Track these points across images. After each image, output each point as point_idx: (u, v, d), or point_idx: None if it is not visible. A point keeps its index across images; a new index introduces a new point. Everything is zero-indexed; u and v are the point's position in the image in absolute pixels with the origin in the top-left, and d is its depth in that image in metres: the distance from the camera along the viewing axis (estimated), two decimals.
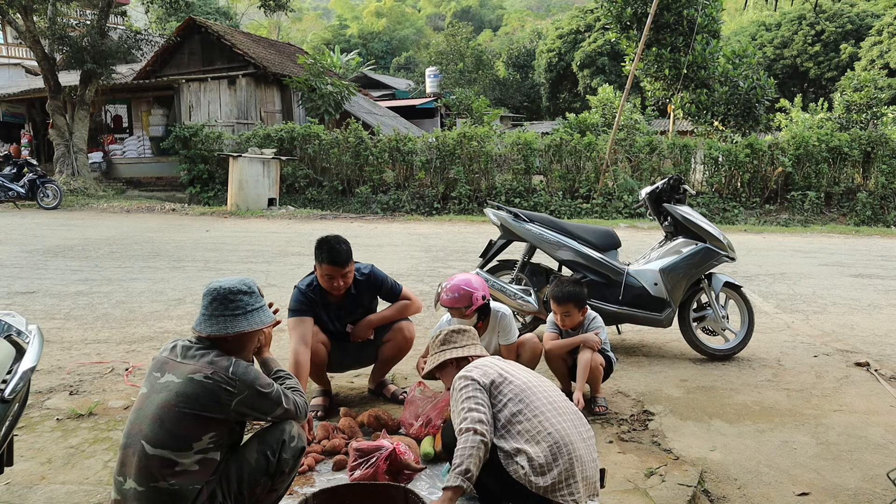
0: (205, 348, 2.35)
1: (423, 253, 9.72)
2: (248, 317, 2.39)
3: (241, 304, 2.39)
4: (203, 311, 2.39)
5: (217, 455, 2.28)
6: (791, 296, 7.13)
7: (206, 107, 20.14)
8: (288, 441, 2.43)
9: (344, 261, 3.59)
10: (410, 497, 2.54)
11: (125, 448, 2.27)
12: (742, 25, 44.11)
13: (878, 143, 15.13)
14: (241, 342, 2.43)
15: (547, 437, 2.40)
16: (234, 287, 2.39)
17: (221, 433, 2.28)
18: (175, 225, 13.15)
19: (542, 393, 2.57)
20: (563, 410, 2.54)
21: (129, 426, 2.30)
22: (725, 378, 4.49)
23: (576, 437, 2.45)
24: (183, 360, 2.31)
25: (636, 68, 16.55)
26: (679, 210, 4.91)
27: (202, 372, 2.25)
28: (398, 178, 16.89)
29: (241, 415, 2.31)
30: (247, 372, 2.30)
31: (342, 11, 69.22)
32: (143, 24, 27.80)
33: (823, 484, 3.06)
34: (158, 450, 2.19)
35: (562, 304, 3.89)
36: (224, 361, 2.29)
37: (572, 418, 2.53)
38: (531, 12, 70.24)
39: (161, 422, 2.22)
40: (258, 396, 2.31)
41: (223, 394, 2.24)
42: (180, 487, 2.20)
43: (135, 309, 6.27)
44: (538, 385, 2.62)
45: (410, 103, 30.15)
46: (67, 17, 19.92)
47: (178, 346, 2.38)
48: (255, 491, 2.37)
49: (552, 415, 2.47)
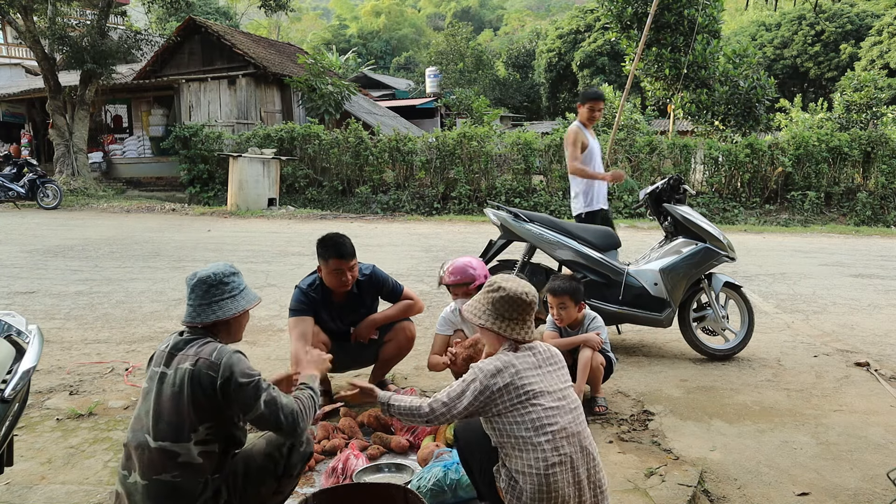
0: (197, 337, 2.37)
1: (423, 253, 9.71)
2: (244, 294, 2.45)
3: (233, 285, 2.43)
4: (197, 300, 2.39)
5: (215, 447, 2.29)
6: (791, 296, 7.13)
7: (206, 107, 20.15)
8: (297, 445, 2.44)
9: (351, 253, 3.61)
10: (410, 497, 2.54)
11: (130, 443, 2.29)
12: (742, 25, 44.11)
13: (878, 143, 15.12)
14: (240, 323, 2.49)
15: (536, 478, 2.24)
16: (222, 271, 2.43)
17: (217, 423, 2.28)
18: (175, 225, 13.15)
19: (559, 429, 2.31)
20: (567, 453, 2.29)
21: (134, 421, 2.33)
22: (725, 378, 4.49)
23: (569, 487, 2.27)
24: (175, 351, 2.34)
25: (636, 68, 16.52)
26: (679, 210, 4.91)
27: (190, 360, 2.28)
28: (398, 178, 16.89)
29: (226, 402, 2.26)
30: (229, 357, 2.29)
31: (342, 11, 69.26)
32: (143, 24, 27.84)
33: (823, 484, 3.06)
34: (160, 442, 2.22)
35: (557, 295, 3.89)
36: (209, 347, 2.31)
37: (576, 464, 2.30)
38: (531, 12, 70.20)
39: (161, 414, 2.25)
40: (236, 384, 2.25)
41: (206, 379, 2.24)
42: (183, 480, 2.21)
43: (135, 309, 6.27)
44: (561, 420, 2.34)
45: (410, 103, 30.14)
46: (67, 17, 19.90)
47: (173, 338, 2.40)
48: (261, 491, 2.38)
49: (552, 455, 2.27)
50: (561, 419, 2.32)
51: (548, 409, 2.32)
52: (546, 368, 2.43)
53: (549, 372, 2.43)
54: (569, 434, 2.31)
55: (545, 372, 2.41)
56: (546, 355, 2.46)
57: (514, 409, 2.31)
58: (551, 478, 2.24)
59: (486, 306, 2.46)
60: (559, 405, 2.35)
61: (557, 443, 2.28)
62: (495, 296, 2.45)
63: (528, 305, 2.44)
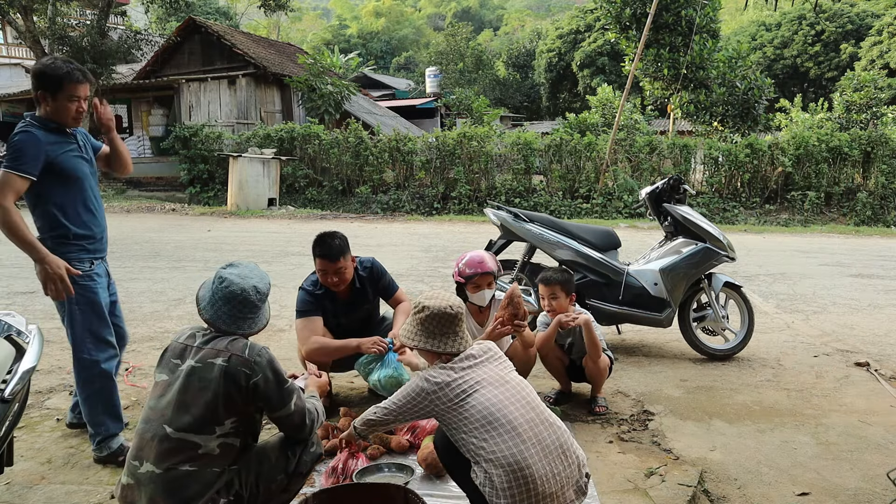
0: (222, 333, 2.40)
1: (423, 253, 9.71)
2: (262, 313, 2.50)
3: (258, 305, 2.45)
4: (229, 310, 2.39)
5: (237, 441, 2.31)
6: (791, 296, 7.13)
7: (206, 107, 20.15)
8: (309, 445, 2.49)
9: (335, 255, 3.57)
10: (410, 497, 2.54)
11: (143, 433, 2.29)
12: (742, 25, 44.11)
13: (878, 143, 15.13)
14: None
15: (503, 461, 2.26)
16: (263, 292, 2.46)
17: (242, 418, 2.31)
18: (175, 225, 13.14)
19: (507, 410, 2.35)
20: (523, 428, 2.32)
21: (149, 412, 2.33)
22: (725, 378, 4.49)
23: (535, 457, 2.28)
24: (202, 345, 2.35)
25: (636, 68, 16.55)
26: (679, 210, 4.91)
27: (222, 356, 2.30)
28: (398, 178, 16.89)
29: (256, 398, 2.31)
30: (263, 353, 2.35)
31: (342, 11, 69.28)
32: (143, 24, 27.80)
33: (823, 484, 3.06)
34: (182, 433, 2.23)
35: (548, 285, 3.88)
36: (239, 344, 2.35)
37: (534, 433, 2.33)
38: (531, 12, 70.20)
39: (185, 406, 2.26)
40: (273, 382, 2.32)
41: (241, 376, 2.27)
42: (199, 470, 2.23)
43: (135, 309, 6.27)
44: (505, 399, 2.38)
45: (410, 103, 30.13)
46: (67, 17, 19.90)
47: (197, 333, 2.42)
48: (271, 487, 2.40)
49: (509, 437, 2.29)
50: (509, 402, 2.36)
51: (492, 399, 2.35)
52: (483, 363, 2.48)
53: (485, 364, 2.48)
54: (522, 413, 2.35)
55: (482, 366, 2.47)
56: (480, 351, 2.52)
57: (456, 408, 2.36)
58: (518, 457, 2.25)
59: (416, 328, 2.54)
60: (503, 390, 2.40)
61: (514, 423, 2.31)
62: (421, 316, 2.53)
63: (454, 318, 2.52)
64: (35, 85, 3.03)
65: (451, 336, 2.50)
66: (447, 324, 2.50)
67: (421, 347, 2.53)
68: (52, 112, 3.03)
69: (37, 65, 3.05)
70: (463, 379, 2.41)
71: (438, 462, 2.99)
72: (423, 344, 2.51)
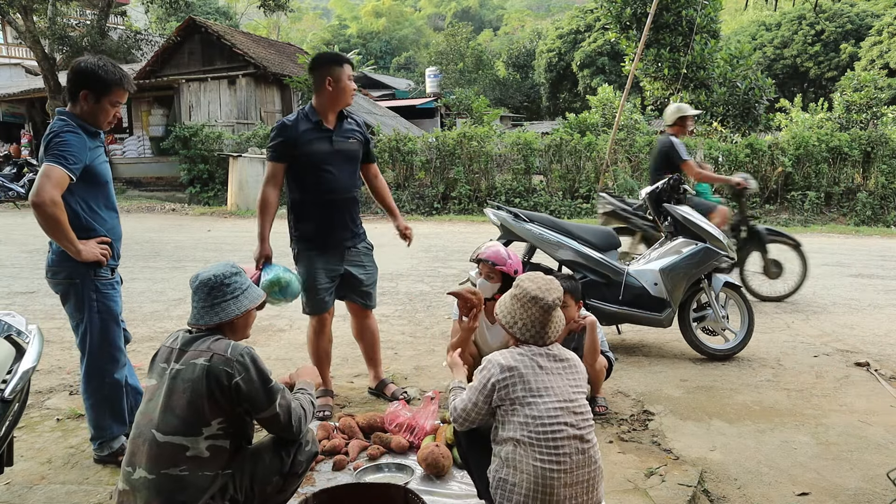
0: (206, 334, 2.39)
1: (423, 253, 9.71)
2: (246, 294, 2.47)
3: (235, 285, 2.44)
4: (200, 302, 2.41)
5: (226, 444, 2.30)
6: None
7: (206, 107, 20.14)
8: (304, 444, 2.47)
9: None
10: (410, 497, 2.54)
11: (135, 438, 2.29)
12: (742, 25, 44.09)
13: (878, 143, 15.12)
14: (246, 321, 2.51)
15: (532, 473, 2.25)
16: (223, 272, 2.44)
17: (229, 418, 2.30)
18: (175, 225, 13.15)
19: (560, 433, 2.30)
20: (564, 450, 2.28)
21: (140, 417, 2.34)
22: (725, 378, 4.49)
23: (560, 481, 2.25)
24: (185, 347, 2.36)
25: (636, 68, 16.54)
26: (679, 210, 4.91)
27: (204, 356, 2.29)
28: (398, 178, 16.88)
29: (239, 399, 2.29)
30: (245, 352, 2.33)
31: (341, 11, 69.27)
32: (143, 24, 27.82)
33: (823, 484, 3.06)
34: (169, 437, 2.23)
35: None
36: (222, 344, 2.34)
37: (574, 462, 2.28)
38: (531, 12, 70.19)
39: (170, 409, 2.26)
40: (257, 382, 2.29)
41: (223, 375, 2.26)
42: (190, 474, 2.22)
43: (135, 309, 6.27)
44: (563, 422, 2.33)
45: (410, 103, 30.10)
46: (67, 17, 19.92)
47: (181, 335, 2.43)
48: (266, 489, 2.39)
49: (549, 457, 2.26)
50: (565, 420, 2.31)
51: (550, 409, 2.31)
52: (556, 370, 2.41)
53: (559, 373, 2.41)
54: (570, 436, 2.29)
55: (554, 373, 2.40)
56: (559, 357, 2.45)
57: (513, 404, 2.32)
58: (548, 479, 2.23)
59: (510, 304, 2.51)
60: (563, 406, 2.34)
61: (559, 443, 2.27)
62: (515, 292, 2.50)
63: (548, 307, 2.44)
64: (79, 82, 2.99)
65: (539, 326, 2.45)
66: (536, 309, 2.44)
67: (503, 325, 2.50)
68: (88, 112, 3.01)
69: (87, 63, 2.99)
70: (531, 378, 2.35)
71: (438, 462, 3.00)
72: (507, 324, 2.48)
